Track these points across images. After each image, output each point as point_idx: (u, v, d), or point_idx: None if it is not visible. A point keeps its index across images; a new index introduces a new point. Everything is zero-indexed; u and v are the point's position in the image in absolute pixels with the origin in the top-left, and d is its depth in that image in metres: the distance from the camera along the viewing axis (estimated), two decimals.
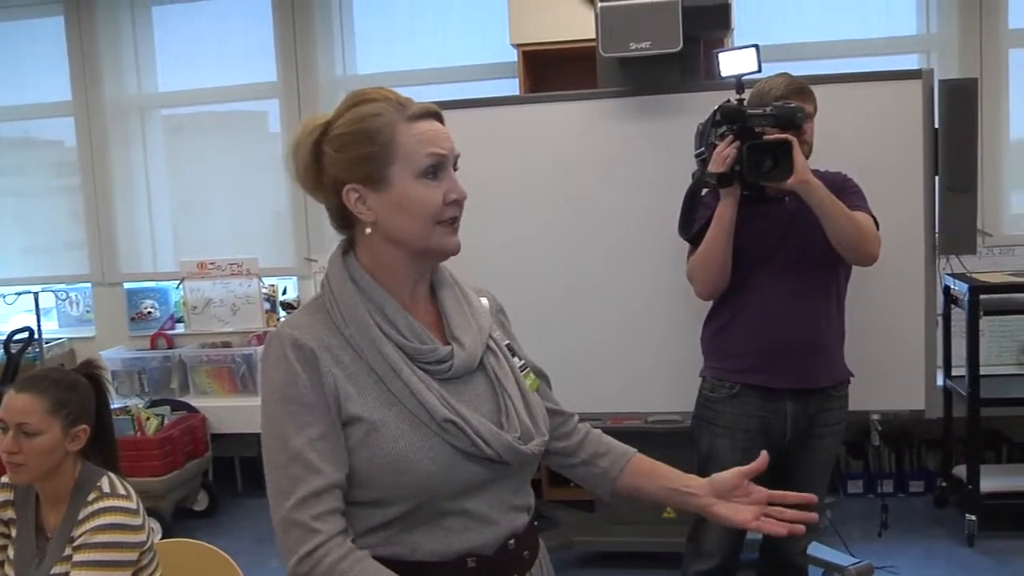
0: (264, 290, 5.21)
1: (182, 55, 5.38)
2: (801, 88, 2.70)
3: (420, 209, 1.42)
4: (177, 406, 4.82)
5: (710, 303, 2.88)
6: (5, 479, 2.09)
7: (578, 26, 4.10)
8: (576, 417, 1.72)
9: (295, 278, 5.32)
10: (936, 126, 3.36)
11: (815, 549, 3.26)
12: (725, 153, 2.56)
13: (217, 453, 4.94)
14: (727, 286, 2.72)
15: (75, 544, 1.95)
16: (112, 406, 2.29)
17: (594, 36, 3.80)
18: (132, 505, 2.02)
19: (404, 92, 1.48)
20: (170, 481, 4.40)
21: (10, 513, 2.09)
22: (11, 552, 2.06)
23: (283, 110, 5.22)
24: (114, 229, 5.45)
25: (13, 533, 2.08)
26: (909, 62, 4.77)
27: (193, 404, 4.85)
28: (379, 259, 1.46)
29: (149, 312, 5.38)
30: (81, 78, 5.37)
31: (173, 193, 5.54)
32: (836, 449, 2.91)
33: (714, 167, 2.59)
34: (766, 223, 2.68)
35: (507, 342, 1.62)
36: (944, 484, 4.37)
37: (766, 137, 2.56)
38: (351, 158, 1.41)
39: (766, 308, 2.70)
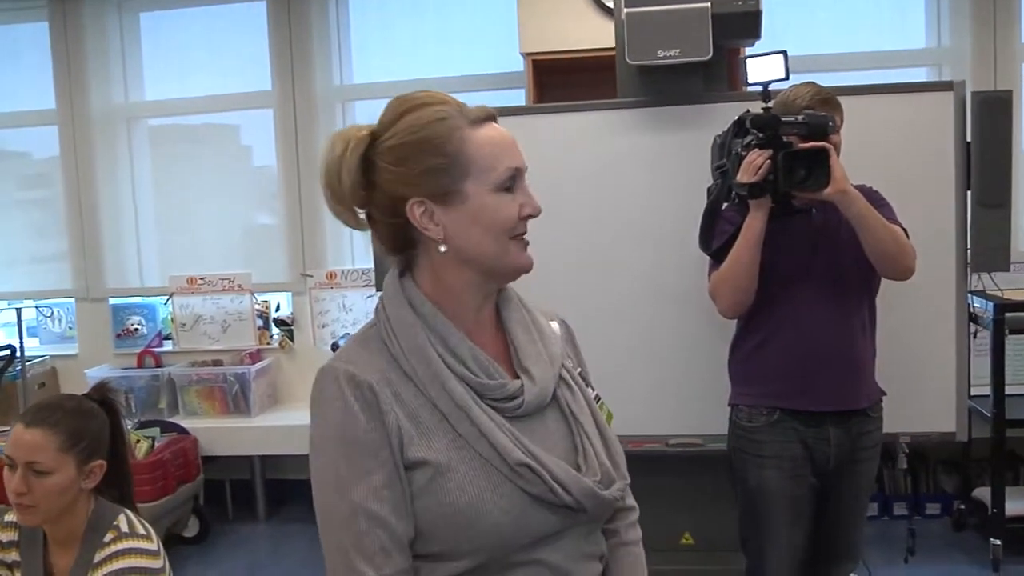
0: (256, 306, 5.04)
1: (171, 63, 5.22)
2: (828, 98, 2.60)
3: (497, 223, 1.29)
4: (167, 427, 4.62)
5: (734, 323, 2.76)
6: (9, 517, 1.91)
7: (590, 35, 4.00)
8: (636, 513, 1.51)
9: (289, 294, 5.14)
10: (968, 139, 3.27)
11: None
12: (758, 162, 2.44)
13: (207, 476, 4.74)
14: (752, 304, 2.59)
15: None
16: None
17: (606, 45, 3.70)
18: (153, 546, 1.85)
19: None
20: (161, 507, 4.20)
21: (14, 555, 1.91)
22: None
23: (277, 120, 5.05)
24: (99, 243, 5.25)
25: None
26: (918, 75, 4.71)
27: (184, 425, 4.65)
28: (444, 281, 1.32)
29: (136, 329, 5.19)
30: (66, 86, 5.19)
31: (160, 206, 5.34)
32: (875, 472, 2.79)
33: (745, 177, 2.46)
34: (793, 237, 2.57)
35: (579, 370, 1.47)
36: (963, 507, 4.26)
37: (802, 145, 2.45)
38: (416, 172, 1.27)
39: (801, 327, 2.58)
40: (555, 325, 1.47)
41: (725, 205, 2.65)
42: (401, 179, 1.27)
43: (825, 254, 2.58)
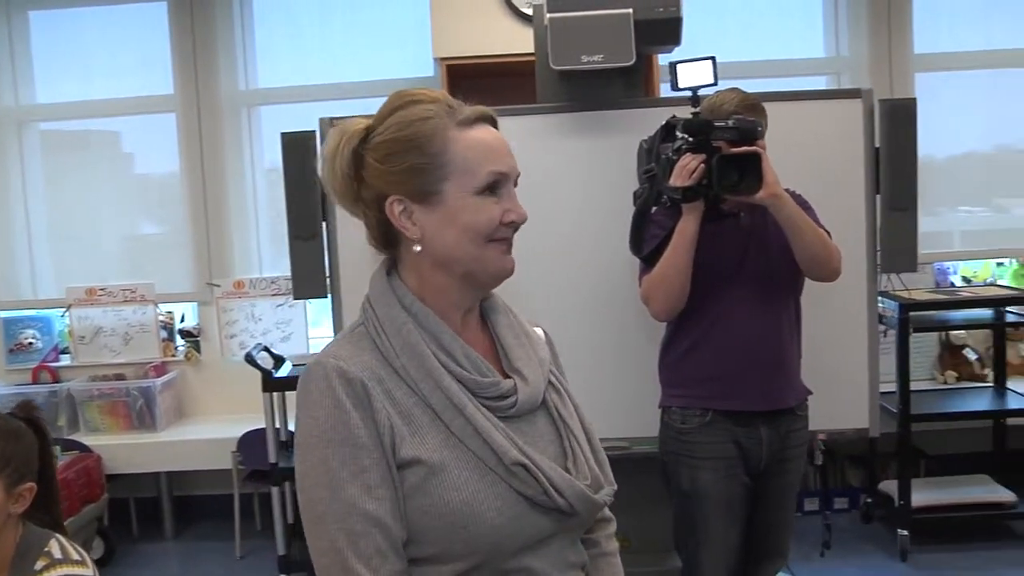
0: (160, 317, 4.86)
1: (65, 65, 4.97)
2: (754, 103, 2.64)
3: (473, 226, 1.26)
4: (68, 445, 4.39)
5: (663, 326, 2.78)
6: None
7: (505, 40, 3.98)
8: (614, 525, 1.51)
9: (195, 304, 4.96)
10: (876, 145, 3.37)
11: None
12: (691, 166, 2.47)
13: (111, 495, 4.52)
14: (683, 307, 2.62)
15: None
16: None
17: (522, 50, 3.69)
18: (88, 572, 1.75)
19: (314, 108, 1.33)
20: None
21: None
22: None
23: (180, 125, 4.88)
24: None
25: None
26: (819, 83, 4.85)
27: (85, 443, 4.44)
28: (428, 281, 1.29)
29: (30, 343, 4.93)
30: None
31: (55, 214, 5.07)
32: (803, 469, 2.86)
33: (678, 181, 2.49)
34: (723, 240, 2.61)
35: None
36: (870, 500, 4.40)
37: (735, 149, 2.49)
38: (397, 170, 1.25)
39: (733, 328, 2.62)
40: (539, 331, 1.45)
41: (655, 209, 2.67)
42: (384, 176, 1.26)
43: (755, 257, 2.62)
